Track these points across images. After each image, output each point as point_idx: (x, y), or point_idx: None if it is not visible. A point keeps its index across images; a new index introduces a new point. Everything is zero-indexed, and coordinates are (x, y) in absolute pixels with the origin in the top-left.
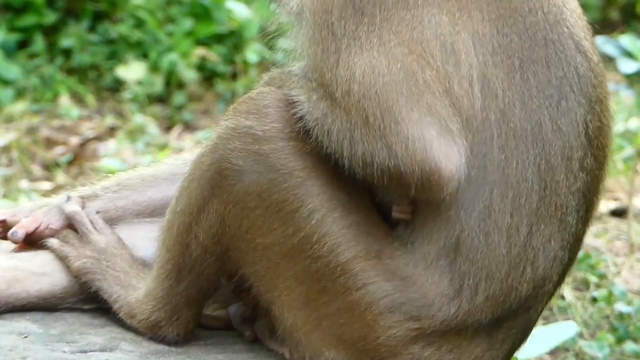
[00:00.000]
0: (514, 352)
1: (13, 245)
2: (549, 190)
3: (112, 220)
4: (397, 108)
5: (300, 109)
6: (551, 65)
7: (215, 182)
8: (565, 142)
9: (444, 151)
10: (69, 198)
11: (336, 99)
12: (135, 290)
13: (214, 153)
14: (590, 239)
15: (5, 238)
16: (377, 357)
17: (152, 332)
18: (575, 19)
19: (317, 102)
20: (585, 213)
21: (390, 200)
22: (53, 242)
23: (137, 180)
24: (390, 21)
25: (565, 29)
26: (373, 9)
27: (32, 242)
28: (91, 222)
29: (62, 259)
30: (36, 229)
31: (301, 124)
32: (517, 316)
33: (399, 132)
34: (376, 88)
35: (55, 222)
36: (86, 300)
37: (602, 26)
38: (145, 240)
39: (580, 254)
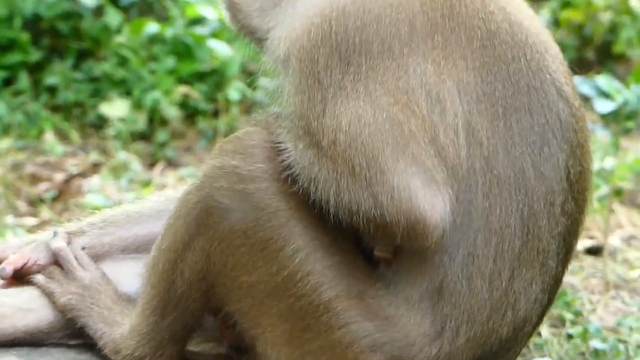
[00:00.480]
0: None
1: (1, 282)
2: (532, 235)
3: (97, 256)
4: (383, 158)
5: (287, 156)
6: (534, 112)
7: (201, 220)
8: (547, 188)
9: (429, 201)
10: (55, 234)
11: (322, 148)
12: (119, 327)
13: (200, 191)
14: (567, 277)
15: None
16: None
17: None
18: (557, 65)
19: (303, 151)
20: (565, 255)
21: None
22: (39, 278)
23: (123, 217)
24: (376, 70)
25: (548, 76)
26: (359, 59)
27: (19, 277)
28: (76, 258)
29: (48, 295)
30: (24, 265)
31: (289, 171)
32: (496, 357)
33: (384, 182)
34: (362, 138)
35: (42, 259)
36: (72, 335)
37: (579, 66)
38: (130, 276)
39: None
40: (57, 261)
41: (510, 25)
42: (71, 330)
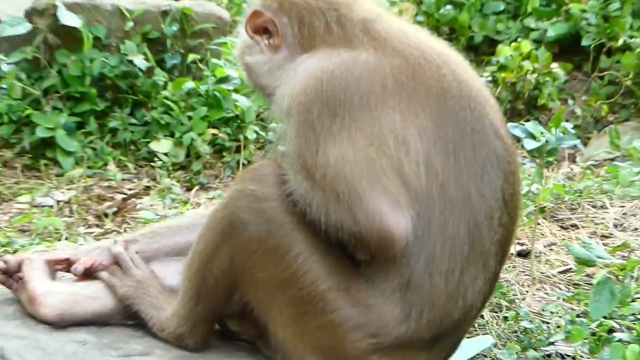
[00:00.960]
0: (447, 359)
1: (74, 277)
2: (476, 242)
3: (147, 258)
4: (360, 188)
5: (290, 185)
6: (477, 149)
7: (226, 231)
8: (487, 206)
9: (395, 221)
10: (115, 242)
11: (315, 179)
12: (164, 311)
13: (225, 209)
14: (503, 274)
15: (69, 271)
16: None
17: (177, 342)
18: (494, 113)
19: (301, 182)
20: (502, 257)
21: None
22: (103, 274)
23: (166, 229)
24: (356, 120)
25: (487, 121)
26: (343, 111)
27: (88, 274)
28: (132, 260)
29: (110, 287)
30: (92, 265)
31: (291, 197)
32: (450, 334)
33: (361, 207)
34: (345, 172)
35: (106, 260)
36: (128, 317)
37: (512, 115)
38: (172, 273)
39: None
40: (117, 262)
41: (458, 83)
42: (127, 314)
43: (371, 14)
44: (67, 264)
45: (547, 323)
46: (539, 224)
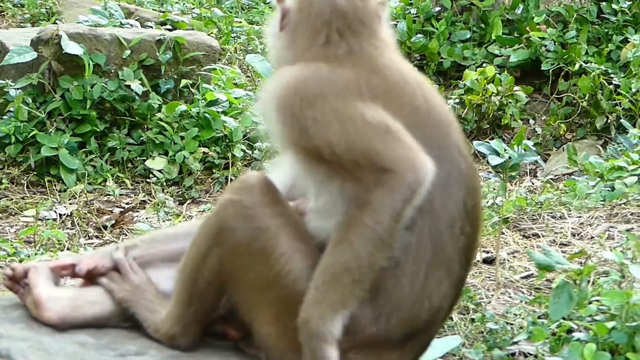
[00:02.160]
0: (417, 358)
1: (78, 283)
2: (439, 249)
3: (145, 263)
4: (377, 145)
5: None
6: (442, 163)
7: (216, 237)
8: (449, 216)
9: (424, 157)
10: (117, 248)
11: (328, 156)
12: (159, 314)
13: (216, 217)
14: (470, 279)
15: (74, 277)
16: None
17: (170, 342)
18: (457, 134)
19: (305, 163)
20: (466, 263)
21: None
22: (103, 280)
23: (163, 236)
24: (339, 105)
25: (451, 140)
26: (322, 102)
27: (90, 278)
28: (130, 265)
29: (109, 291)
30: (95, 267)
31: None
32: (421, 334)
33: (394, 147)
34: (357, 139)
35: (107, 263)
36: (125, 319)
37: (477, 133)
38: (166, 279)
39: (463, 289)
40: (116, 267)
41: (428, 104)
42: (124, 316)
43: (372, 45)
44: (71, 269)
45: (511, 324)
46: (502, 234)
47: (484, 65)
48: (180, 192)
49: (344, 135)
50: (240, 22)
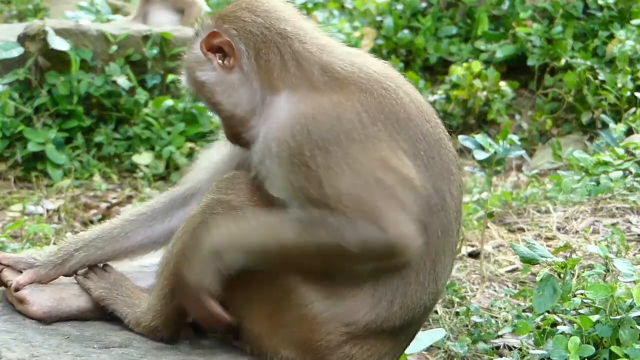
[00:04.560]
0: (405, 349)
1: (67, 280)
2: (448, 236)
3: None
4: (380, 204)
5: (294, 213)
6: (442, 155)
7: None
8: (456, 203)
9: (413, 229)
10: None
11: (330, 206)
12: (138, 307)
13: (202, 215)
14: (455, 272)
15: None
16: (319, 354)
17: (152, 334)
18: (441, 126)
19: (311, 210)
20: (457, 248)
21: None
22: (79, 278)
23: (102, 241)
24: (349, 153)
25: (440, 128)
26: (334, 147)
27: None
28: (103, 267)
29: (85, 290)
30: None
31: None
32: (417, 323)
33: (387, 219)
34: (362, 195)
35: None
36: (109, 313)
37: (464, 128)
38: (140, 274)
39: (448, 282)
40: (90, 266)
41: (412, 102)
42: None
43: (325, 50)
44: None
45: (496, 317)
46: (488, 228)
47: (470, 60)
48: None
49: (355, 188)
50: None
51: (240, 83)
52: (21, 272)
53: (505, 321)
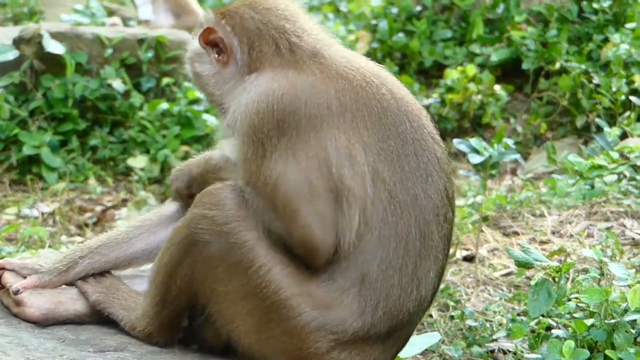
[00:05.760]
0: (398, 353)
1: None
2: (427, 237)
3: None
4: (295, 205)
5: (242, 192)
6: (419, 155)
7: (187, 248)
8: (434, 204)
9: (322, 239)
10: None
11: (257, 188)
12: (134, 311)
13: (187, 229)
14: (450, 276)
15: None
16: None
17: (147, 340)
18: (428, 122)
19: (245, 186)
20: (447, 251)
21: None
22: (78, 282)
23: (106, 248)
24: (302, 140)
25: (425, 130)
26: (291, 131)
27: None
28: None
29: (83, 294)
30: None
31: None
32: (404, 327)
33: (295, 222)
34: (284, 189)
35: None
36: (105, 317)
37: (458, 132)
38: (137, 278)
39: (442, 286)
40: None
41: (395, 100)
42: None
43: (320, 42)
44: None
45: (490, 321)
46: (482, 231)
47: (465, 64)
48: (161, 190)
49: (282, 180)
50: None
51: (233, 77)
52: (25, 277)
53: (500, 325)
